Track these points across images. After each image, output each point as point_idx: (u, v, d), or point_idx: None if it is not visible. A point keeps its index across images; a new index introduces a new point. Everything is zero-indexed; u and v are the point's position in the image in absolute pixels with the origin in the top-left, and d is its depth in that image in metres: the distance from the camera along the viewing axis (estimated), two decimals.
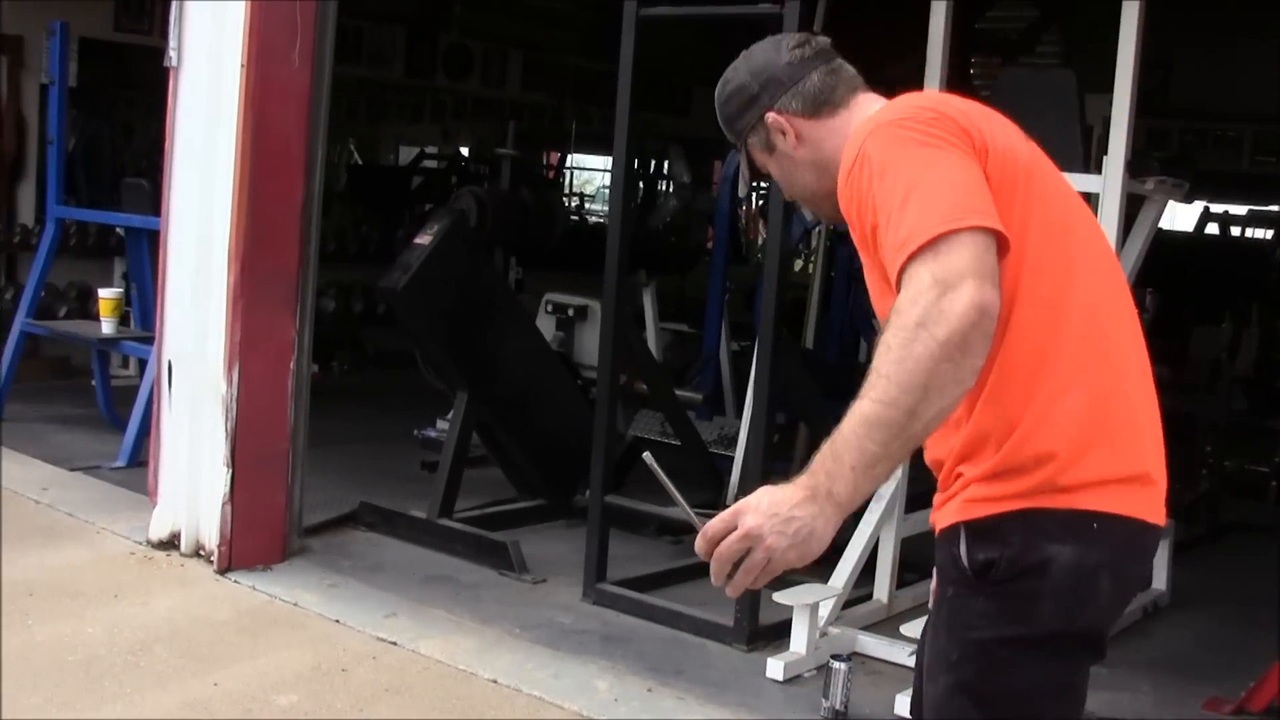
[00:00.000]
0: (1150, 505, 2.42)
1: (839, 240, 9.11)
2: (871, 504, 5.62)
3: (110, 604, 5.24)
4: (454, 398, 6.72)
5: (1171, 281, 12.63)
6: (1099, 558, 2.33)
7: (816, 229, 8.45)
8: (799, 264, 11.29)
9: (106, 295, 7.94)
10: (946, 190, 2.22)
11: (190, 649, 4.85)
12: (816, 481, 2.14)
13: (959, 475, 2.38)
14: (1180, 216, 15.92)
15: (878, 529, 5.58)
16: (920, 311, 2.10)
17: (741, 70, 2.64)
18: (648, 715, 4.53)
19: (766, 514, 2.14)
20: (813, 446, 2.26)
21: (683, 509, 2.29)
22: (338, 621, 5.25)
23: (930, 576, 2.61)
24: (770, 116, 2.58)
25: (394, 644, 5.06)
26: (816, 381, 6.86)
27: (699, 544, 2.20)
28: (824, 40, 2.67)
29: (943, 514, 2.43)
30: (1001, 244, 2.20)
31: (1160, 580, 6.29)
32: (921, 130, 2.32)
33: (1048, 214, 2.41)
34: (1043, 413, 2.31)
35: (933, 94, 2.73)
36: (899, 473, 5.57)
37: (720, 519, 2.18)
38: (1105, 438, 2.35)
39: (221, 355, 5.67)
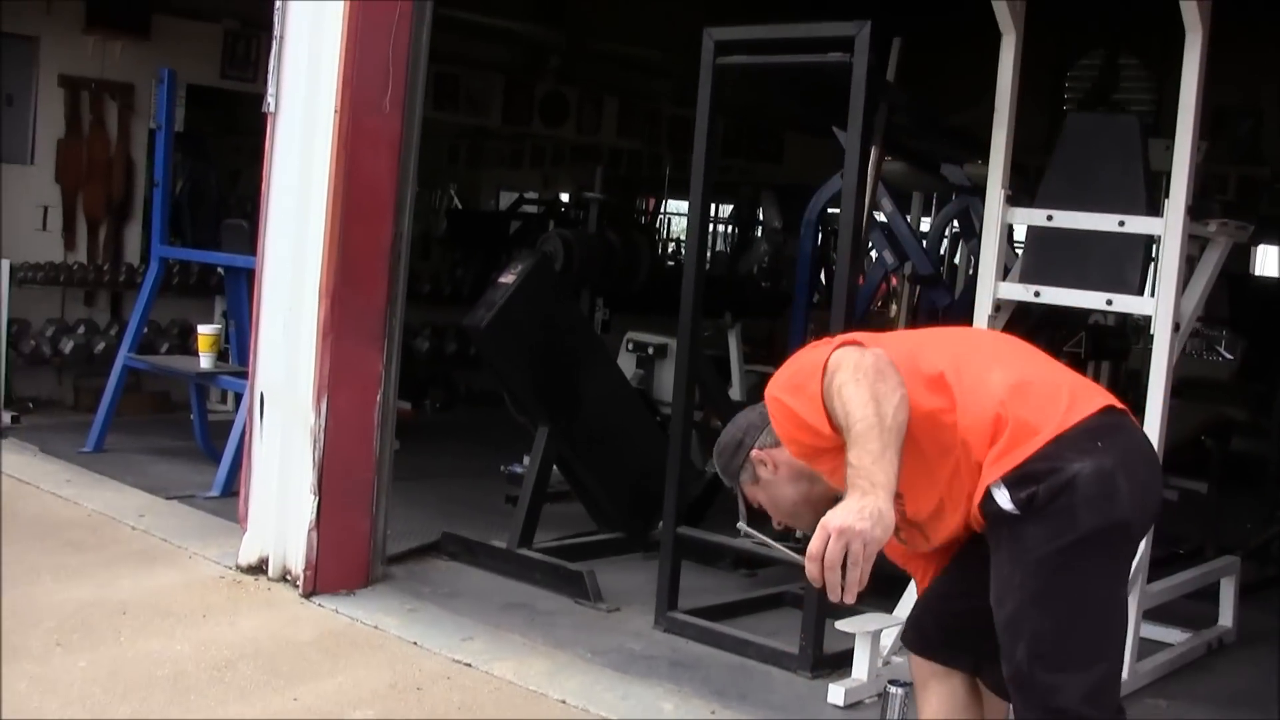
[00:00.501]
0: (1129, 417, 3.22)
1: (921, 284, 9.22)
2: None
3: (199, 624, 5.44)
4: (535, 433, 6.90)
5: (1262, 327, 12.57)
6: (1111, 463, 3.04)
7: (897, 270, 8.57)
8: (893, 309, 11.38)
9: (205, 331, 8.20)
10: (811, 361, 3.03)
11: (273, 666, 5.03)
12: (858, 484, 2.81)
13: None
14: (1272, 263, 15.84)
15: None
16: (831, 379, 2.92)
17: (730, 428, 3.43)
18: None
19: (844, 514, 2.77)
20: None
21: (783, 553, 3.29)
22: (415, 644, 5.42)
23: None
24: (754, 454, 3.34)
25: (468, 665, 5.22)
26: None
27: (809, 568, 2.81)
28: None
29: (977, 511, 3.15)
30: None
31: (1227, 618, 6.34)
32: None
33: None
34: (1013, 426, 3.07)
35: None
36: None
37: (815, 540, 2.79)
38: (1064, 399, 3.13)
39: (311, 387, 5.87)
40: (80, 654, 4.96)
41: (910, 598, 5.55)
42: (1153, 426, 5.32)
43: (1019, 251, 6.07)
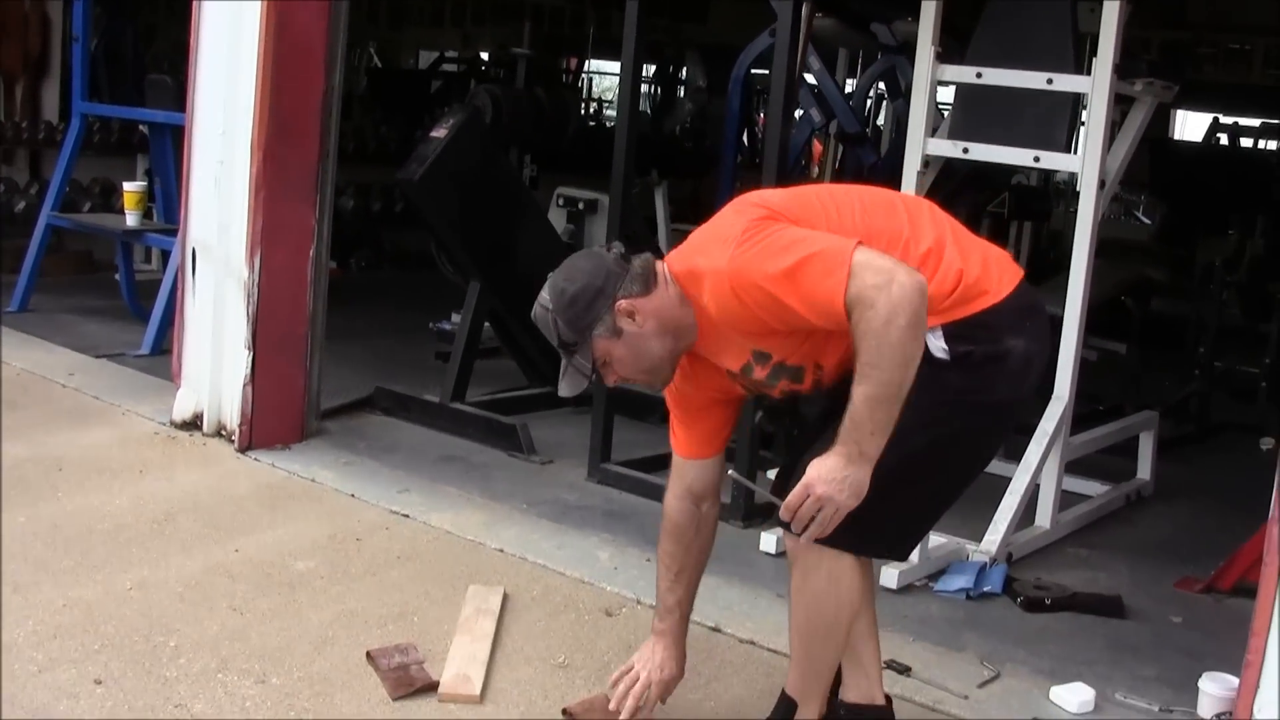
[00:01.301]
0: (1038, 293, 3.40)
1: (848, 143, 9.28)
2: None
3: (136, 479, 5.48)
4: (467, 288, 6.92)
5: (1181, 191, 12.74)
6: (1035, 349, 3.23)
7: (823, 129, 8.61)
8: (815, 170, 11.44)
9: (131, 188, 8.13)
10: (813, 244, 3.02)
11: (212, 519, 5.08)
12: (850, 449, 2.96)
13: None
14: (1191, 127, 15.99)
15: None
16: (882, 311, 2.88)
17: (576, 276, 3.22)
18: (645, 581, 4.74)
19: (829, 482, 2.97)
20: None
21: (766, 496, 3.26)
22: (353, 496, 5.49)
23: None
24: (620, 304, 3.18)
25: (406, 516, 5.29)
26: None
27: (783, 513, 3.06)
28: (620, 245, 3.36)
29: None
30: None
31: (1145, 471, 6.52)
32: (760, 233, 3.09)
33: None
34: (964, 285, 3.16)
35: (733, 211, 3.29)
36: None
37: (796, 494, 3.01)
38: (994, 266, 3.24)
39: (244, 243, 5.86)
40: (19, 509, 4.97)
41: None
42: (1076, 284, 5.44)
43: (944, 113, 6.12)
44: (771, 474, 3.80)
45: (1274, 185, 11.86)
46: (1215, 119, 14.65)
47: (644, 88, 18.14)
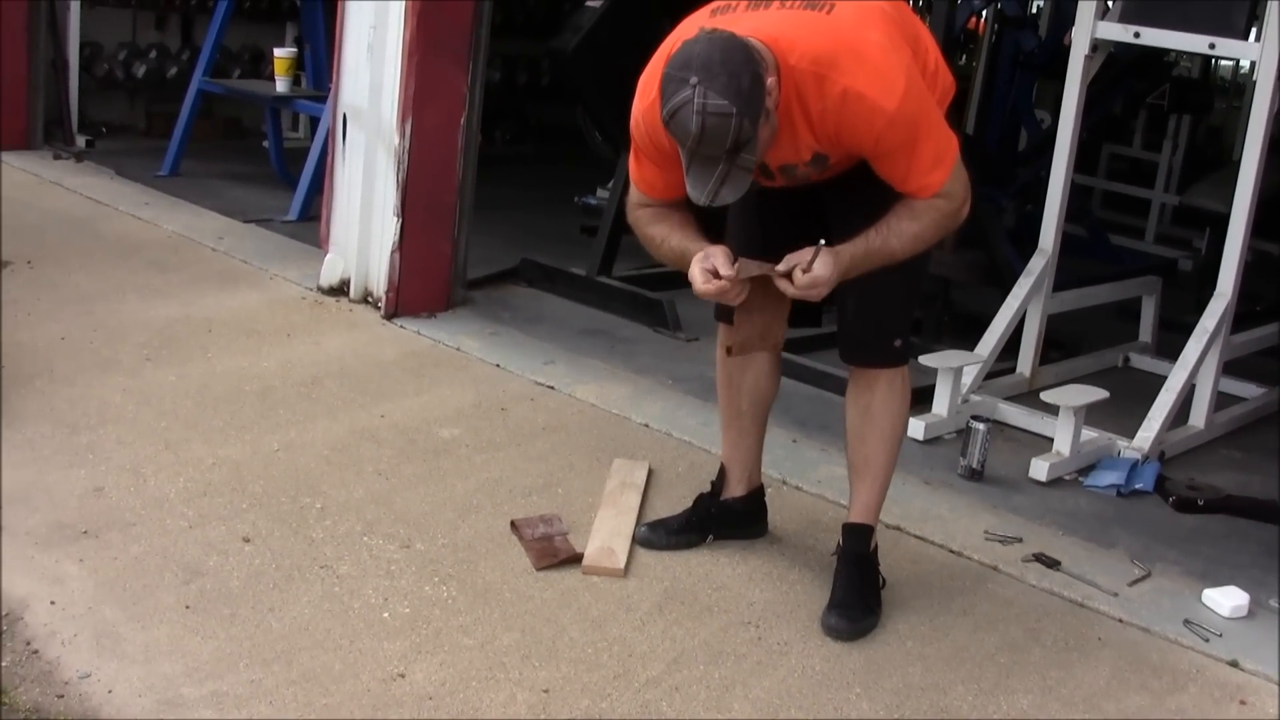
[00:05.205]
0: None
1: (1008, 26, 9.00)
2: (1020, 279, 5.69)
3: (283, 342, 5.50)
4: (618, 162, 6.83)
5: None
6: None
7: (984, 8, 8.35)
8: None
9: (281, 54, 8.12)
10: (937, 124, 3.29)
11: (358, 384, 5.09)
12: (845, 265, 3.22)
13: None
14: None
15: (1025, 303, 5.65)
16: (951, 214, 3.31)
17: (738, 69, 3.00)
18: (790, 462, 4.69)
19: (826, 282, 3.20)
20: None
21: (769, 270, 3.26)
22: (498, 366, 5.47)
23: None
24: (769, 82, 3.07)
25: (551, 388, 5.27)
26: (975, 169, 6.85)
27: (784, 269, 3.23)
28: None
29: None
30: None
31: None
32: (920, 90, 3.25)
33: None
34: None
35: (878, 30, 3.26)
36: (1049, 247, 5.63)
37: (811, 279, 3.19)
38: None
39: (395, 108, 5.81)
40: (170, 368, 5.02)
41: (992, 339, 5.57)
42: (1246, 179, 5.22)
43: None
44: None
45: None
46: None
47: None
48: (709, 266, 3.29)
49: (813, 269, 3.18)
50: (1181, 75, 10.78)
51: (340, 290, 6.13)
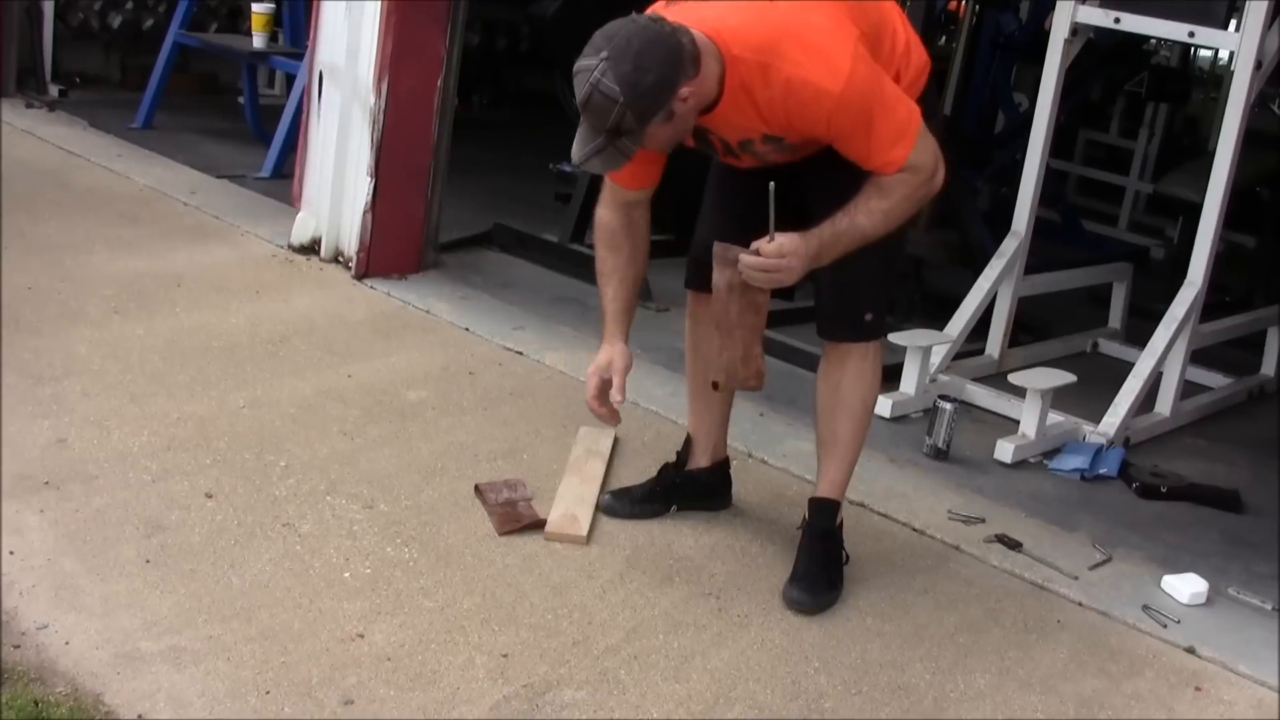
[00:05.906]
0: None
1: (989, 8, 8.99)
2: (992, 261, 5.71)
3: (253, 299, 5.48)
4: None
5: None
6: None
7: None
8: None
9: (259, 10, 8.07)
10: (892, 99, 3.25)
11: (326, 343, 5.08)
12: (813, 250, 3.21)
13: None
14: None
15: (996, 284, 5.67)
16: (920, 185, 3.29)
17: (649, 65, 3.02)
18: (757, 435, 4.70)
19: (799, 266, 3.19)
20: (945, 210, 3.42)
21: (740, 252, 3.23)
22: (467, 330, 5.46)
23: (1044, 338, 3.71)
24: (682, 90, 3.09)
25: (520, 353, 5.26)
26: (952, 150, 6.85)
27: (752, 255, 3.19)
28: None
29: None
30: None
31: (1269, 367, 6.39)
32: (872, 70, 3.22)
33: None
34: None
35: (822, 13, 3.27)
36: (1022, 230, 5.64)
37: (775, 260, 3.18)
38: None
39: (372, 67, 5.77)
40: (137, 322, 5.00)
41: (961, 320, 5.59)
42: (1221, 169, 5.24)
43: None
44: None
45: None
46: None
47: None
48: (606, 378, 3.60)
49: (776, 238, 3.18)
50: (1160, 64, 10.78)
51: (311, 249, 6.10)
